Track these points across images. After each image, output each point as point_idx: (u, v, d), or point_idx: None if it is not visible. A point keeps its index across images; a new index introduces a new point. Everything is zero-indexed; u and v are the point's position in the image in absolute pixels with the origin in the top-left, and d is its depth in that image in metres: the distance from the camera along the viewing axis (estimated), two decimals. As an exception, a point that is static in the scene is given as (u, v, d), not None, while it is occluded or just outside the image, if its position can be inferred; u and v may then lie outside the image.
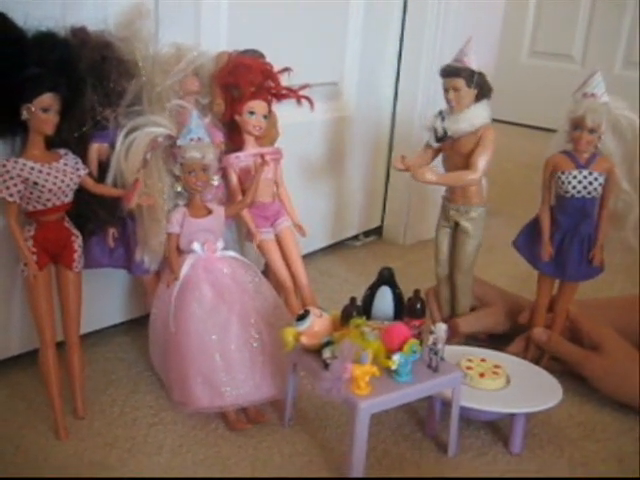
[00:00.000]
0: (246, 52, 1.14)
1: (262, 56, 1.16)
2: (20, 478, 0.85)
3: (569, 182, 1.06)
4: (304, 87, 1.15)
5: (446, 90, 1.10)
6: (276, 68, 1.14)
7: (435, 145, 1.15)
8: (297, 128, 1.37)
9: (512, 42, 3.11)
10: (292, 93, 1.15)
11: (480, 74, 1.09)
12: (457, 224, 1.17)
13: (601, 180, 1.06)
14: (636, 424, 1.06)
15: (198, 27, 1.17)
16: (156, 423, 1.00)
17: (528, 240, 1.16)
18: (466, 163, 1.11)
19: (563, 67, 3.17)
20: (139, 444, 0.95)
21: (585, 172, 1.06)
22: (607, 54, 3.04)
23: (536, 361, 1.16)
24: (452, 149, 1.14)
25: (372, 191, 1.73)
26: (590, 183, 1.06)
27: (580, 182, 1.06)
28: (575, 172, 1.06)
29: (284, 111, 1.20)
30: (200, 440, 0.97)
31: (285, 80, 1.16)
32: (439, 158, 1.18)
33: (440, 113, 1.13)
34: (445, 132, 1.12)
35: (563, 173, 1.07)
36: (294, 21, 1.35)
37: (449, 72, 1.09)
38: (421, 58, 1.62)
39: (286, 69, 1.15)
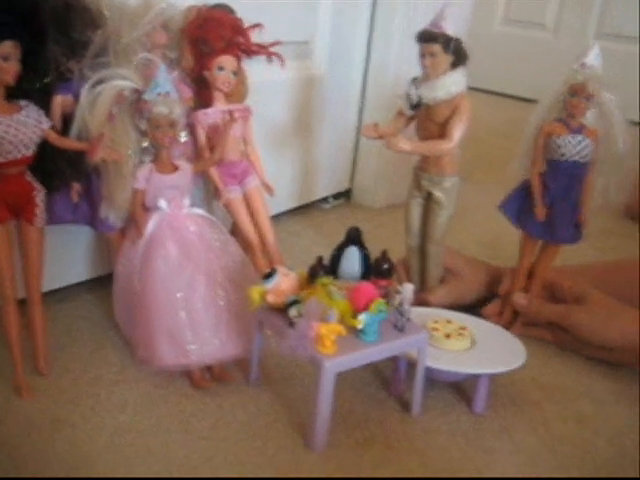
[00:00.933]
0: (216, 7, 1.11)
1: (232, 11, 1.13)
2: (20, 478, 0.84)
3: (565, 146, 1.09)
4: (275, 44, 1.13)
5: (422, 55, 1.07)
6: (246, 24, 1.11)
7: (409, 113, 1.13)
8: (266, 86, 1.34)
9: (485, 9, 3.10)
10: (262, 50, 1.12)
11: (457, 40, 1.06)
12: (430, 194, 1.15)
13: (591, 147, 1.09)
14: (594, 386, 1.08)
15: (167, -21, 1.14)
16: (120, 381, 0.99)
17: (516, 204, 1.17)
18: (440, 131, 1.09)
19: (536, 36, 3.17)
20: (102, 401, 0.95)
21: (579, 137, 1.09)
22: (580, 24, 3.05)
23: (508, 325, 1.18)
24: (426, 117, 1.11)
25: (342, 153, 1.72)
26: (582, 148, 1.09)
27: (574, 146, 1.08)
28: (569, 137, 1.09)
29: (253, 69, 1.18)
30: (164, 397, 0.97)
31: (255, 37, 1.13)
32: (412, 126, 1.16)
33: (414, 80, 1.11)
34: (419, 99, 1.09)
35: (558, 137, 1.09)
36: (266, -24, 1.32)
37: (425, 37, 1.06)
38: (394, 19, 1.61)
39: (257, 25, 1.12)
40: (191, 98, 1.09)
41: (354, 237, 1.04)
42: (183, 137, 1.02)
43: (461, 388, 1.04)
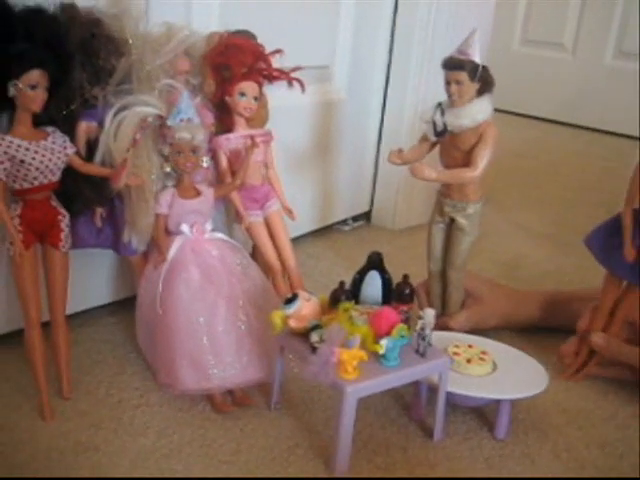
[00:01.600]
0: (238, 33, 1.13)
1: (254, 37, 1.14)
2: (20, 478, 0.85)
3: None
4: (296, 69, 1.14)
5: (448, 83, 1.06)
6: (267, 49, 1.13)
7: (433, 139, 1.11)
8: (287, 111, 1.36)
9: (504, 30, 3.11)
10: (283, 75, 1.14)
11: (484, 68, 1.05)
12: (452, 220, 1.14)
13: None
14: (617, 411, 1.07)
15: (189, 6, 1.16)
16: (142, 404, 1.00)
17: (602, 240, 1.13)
18: (465, 159, 1.08)
19: (554, 56, 3.17)
20: (125, 425, 0.95)
21: None
22: (598, 43, 3.05)
23: (584, 364, 1.14)
24: (451, 144, 1.10)
25: (361, 175, 1.73)
26: None
27: None
28: None
29: (274, 93, 1.19)
30: (186, 422, 0.97)
31: (276, 62, 1.14)
32: (434, 150, 1.15)
33: (439, 105, 1.09)
34: (445, 126, 1.08)
35: None
36: (286, 2, 1.34)
37: (452, 65, 1.05)
38: (413, 44, 1.62)
39: (277, 51, 1.13)
40: (213, 123, 1.10)
41: (375, 262, 1.04)
42: (205, 162, 1.03)
43: (483, 413, 1.04)
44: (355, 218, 1.77)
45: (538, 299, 1.28)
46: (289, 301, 0.92)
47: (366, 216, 1.80)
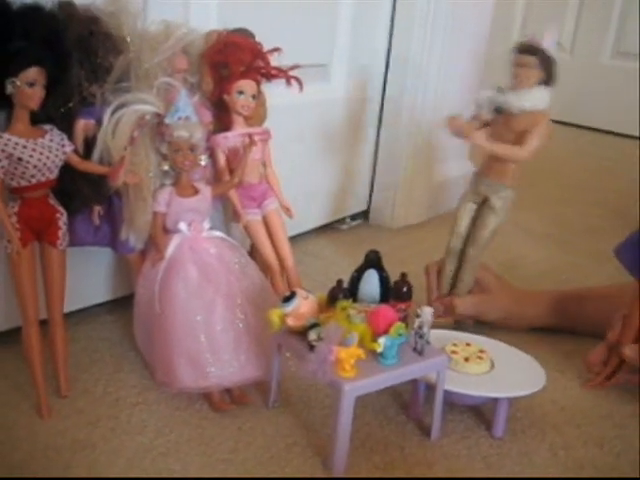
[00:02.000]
0: (236, 31, 1.13)
1: (252, 35, 1.14)
2: (20, 478, 0.85)
3: None
4: (294, 67, 1.14)
5: (517, 65, 1.10)
6: (266, 48, 1.13)
7: (487, 117, 1.15)
8: (285, 109, 1.35)
9: (502, 29, 3.10)
10: (282, 73, 1.13)
11: (553, 60, 1.10)
12: (486, 200, 1.17)
13: None
14: (615, 410, 1.07)
15: (188, 4, 1.16)
16: (140, 403, 1.00)
17: (633, 251, 1.14)
18: (515, 141, 1.11)
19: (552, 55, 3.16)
20: (122, 423, 0.95)
21: None
22: (596, 43, 3.05)
23: (613, 373, 1.13)
24: (504, 124, 1.13)
25: (359, 174, 1.72)
26: None
27: None
28: None
29: (272, 91, 1.19)
30: (183, 420, 0.97)
31: (274, 60, 1.14)
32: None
33: (499, 88, 1.13)
34: (504, 105, 1.11)
35: None
36: (284, 1, 1.34)
37: (524, 49, 1.10)
38: (411, 42, 1.61)
39: (276, 49, 1.13)
40: (211, 122, 1.10)
41: (373, 260, 1.04)
42: (203, 160, 1.03)
43: (480, 412, 1.04)
44: (353, 217, 1.77)
45: (544, 301, 1.28)
46: (287, 299, 0.92)
47: (364, 215, 1.79)
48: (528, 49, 1.10)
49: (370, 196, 1.78)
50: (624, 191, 2.21)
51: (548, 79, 1.11)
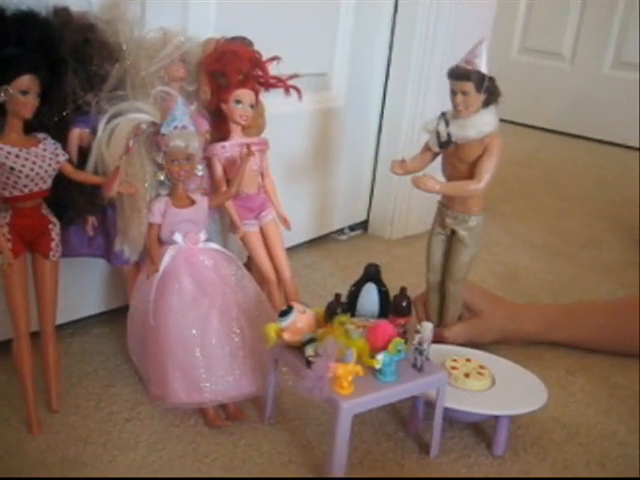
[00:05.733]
0: (234, 39, 1.11)
1: (250, 44, 1.13)
2: (20, 478, 0.83)
3: None
4: (293, 77, 1.13)
5: (454, 93, 1.04)
6: (264, 56, 1.11)
7: (437, 150, 1.09)
8: (284, 119, 1.34)
9: (502, 38, 3.10)
10: (280, 83, 1.12)
11: (491, 79, 1.02)
12: (454, 232, 1.11)
13: None
14: (619, 428, 1.05)
15: (186, 12, 1.14)
16: (132, 418, 0.98)
17: None
18: (469, 170, 1.05)
19: (553, 65, 3.16)
20: (114, 439, 0.93)
21: None
22: (597, 53, 3.04)
23: None
24: (455, 155, 1.07)
25: (358, 184, 1.71)
26: None
27: None
28: None
29: (271, 101, 1.18)
30: (177, 436, 0.95)
31: (273, 69, 1.13)
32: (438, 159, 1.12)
33: (443, 115, 1.06)
34: (449, 137, 1.05)
35: None
36: (283, 9, 1.32)
37: (458, 75, 1.02)
38: (412, 51, 1.60)
39: (275, 58, 1.12)
40: (208, 131, 1.08)
41: (372, 274, 1.02)
42: (200, 171, 1.01)
43: (481, 429, 1.02)
44: (352, 227, 1.75)
45: (539, 314, 1.26)
46: (284, 313, 0.90)
47: (363, 225, 1.78)
48: (462, 74, 1.02)
49: (369, 206, 1.76)
50: (624, 202, 2.20)
51: (492, 98, 1.04)
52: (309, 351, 0.86)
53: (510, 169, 2.50)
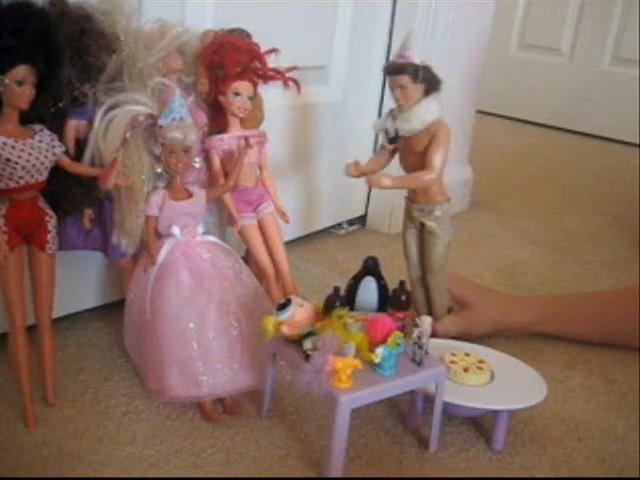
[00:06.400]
0: (233, 31, 1.10)
1: (249, 36, 1.12)
2: (20, 478, 0.82)
3: None
4: (292, 69, 1.12)
5: (392, 88, 1.05)
6: (263, 49, 1.10)
7: (389, 146, 1.10)
8: (282, 112, 1.33)
9: (501, 34, 3.09)
10: (279, 75, 1.11)
11: (425, 68, 1.03)
12: (422, 225, 1.11)
13: None
14: (618, 423, 1.05)
15: (184, 3, 1.14)
16: (129, 412, 0.97)
17: None
18: (422, 161, 1.05)
19: (551, 61, 3.16)
20: (111, 433, 0.92)
21: None
22: (596, 49, 3.04)
23: None
24: (406, 148, 1.08)
25: (356, 179, 1.69)
26: None
27: None
28: None
29: (269, 94, 1.17)
30: (174, 430, 0.94)
31: (272, 62, 1.12)
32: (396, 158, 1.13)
33: (391, 112, 1.08)
34: (397, 132, 1.06)
35: None
36: (282, 1, 1.32)
37: (392, 70, 1.04)
38: (411, 45, 1.59)
39: (273, 50, 1.11)
40: (206, 123, 1.08)
41: (371, 267, 1.02)
42: (197, 163, 1.00)
43: (480, 424, 1.01)
44: (350, 222, 1.75)
45: (531, 304, 1.25)
46: (282, 307, 0.89)
47: (361, 220, 1.77)
48: (396, 69, 1.03)
49: (367, 201, 1.75)
50: (623, 198, 2.19)
51: (432, 86, 1.05)
52: (307, 345, 0.85)
53: (508, 165, 2.50)
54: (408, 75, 1.02)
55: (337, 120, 1.57)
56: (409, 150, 1.07)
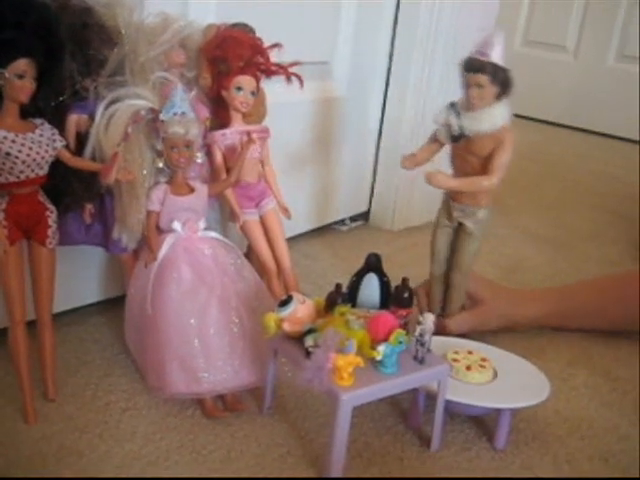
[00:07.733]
0: (236, 25, 1.09)
1: (252, 30, 1.11)
2: (20, 478, 0.82)
3: None
4: (294, 64, 1.11)
5: (468, 86, 1.01)
6: (266, 43, 1.09)
7: (447, 142, 1.06)
8: (285, 107, 1.32)
9: (505, 30, 3.07)
10: (282, 70, 1.10)
11: (505, 70, 1.00)
12: (461, 225, 1.10)
13: None
14: (621, 422, 1.04)
15: (187, -3, 1.12)
16: (130, 408, 0.96)
17: None
18: (480, 164, 1.03)
19: (556, 58, 3.14)
20: (111, 429, 0.92)
21: None
22: (600, 46, 3.02)
23: None
24: (466, 149, 1.05)
25: (360, 175, 1.69)
26: None
27: None
28: None
29: (272, 89, 1.16)
30: (175, 427, 0.93)
31: (275, 56, 1.11)
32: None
33: (452, 106, 1.04)
34: (462, 130, 1.02)
35: None
36: (286, -4, 1.31)
37: (473, 67, 0.99)
38: (415, 41, 1.58)
39: (276, 45, 1.10)
40: (208, 118, 1.07)
41: (373, 264, 1.01)
42: (199, 158, 1.00)
43: (482, 422, 1.00)
44: (353, 218, 1.74)
45: (542, 297, 1.25)
46: (283, 303, 0.89)
47: (364, 216, 1.76)
48: (477, 67, 0.99)
49: (371, 197, 1.74)
50: (627, 196, 2.18)
51: (505, 90, 1.02)
52: (309, 342, 0.84)
53: (513, 162, 2.48)
54: (487, 75, 0.99)
55: (340, 116, 1.56)
56: (469, 151, 1.04)
